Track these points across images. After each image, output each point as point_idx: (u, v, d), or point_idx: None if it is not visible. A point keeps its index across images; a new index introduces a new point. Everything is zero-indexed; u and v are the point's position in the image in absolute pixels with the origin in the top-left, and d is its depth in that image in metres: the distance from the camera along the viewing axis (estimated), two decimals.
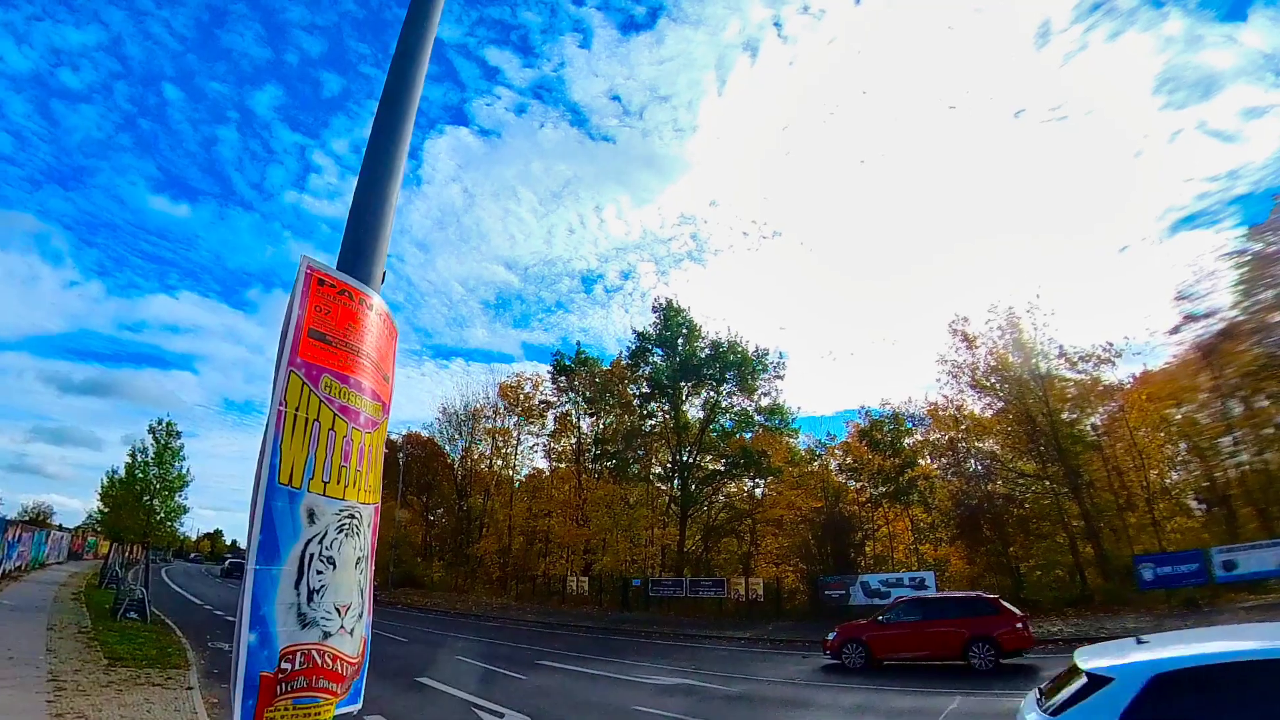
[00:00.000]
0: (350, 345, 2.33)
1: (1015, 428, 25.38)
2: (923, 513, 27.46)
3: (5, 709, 6.67)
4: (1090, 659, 4.20)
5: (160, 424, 25.10)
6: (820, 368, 69.38)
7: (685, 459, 34.35)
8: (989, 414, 26.86)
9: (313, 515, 2.09)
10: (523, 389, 44.20)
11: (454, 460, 47.92)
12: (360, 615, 2.35)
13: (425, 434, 50.56)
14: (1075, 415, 25.35)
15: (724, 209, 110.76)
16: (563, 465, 41.82)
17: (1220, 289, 23.06)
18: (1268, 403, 22.92)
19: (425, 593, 37.14)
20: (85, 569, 39.89)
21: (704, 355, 34.74)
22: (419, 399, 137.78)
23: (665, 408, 35.74)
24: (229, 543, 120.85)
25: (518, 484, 44.31)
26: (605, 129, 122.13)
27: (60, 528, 56.23)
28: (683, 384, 34.86)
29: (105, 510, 31.76)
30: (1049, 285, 62.88)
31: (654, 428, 36.43)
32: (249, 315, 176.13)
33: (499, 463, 45.62)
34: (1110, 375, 24.96)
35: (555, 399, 42.70)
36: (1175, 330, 22.80)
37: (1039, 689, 4.68)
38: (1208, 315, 21.85)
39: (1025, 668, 12.68)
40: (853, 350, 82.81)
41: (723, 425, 34.89)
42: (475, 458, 46.42)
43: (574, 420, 41.90)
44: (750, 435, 33.32)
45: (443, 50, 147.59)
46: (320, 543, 2.10)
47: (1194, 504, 25.54)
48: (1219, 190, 61.23)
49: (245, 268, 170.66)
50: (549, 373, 42.93)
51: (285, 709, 1.94)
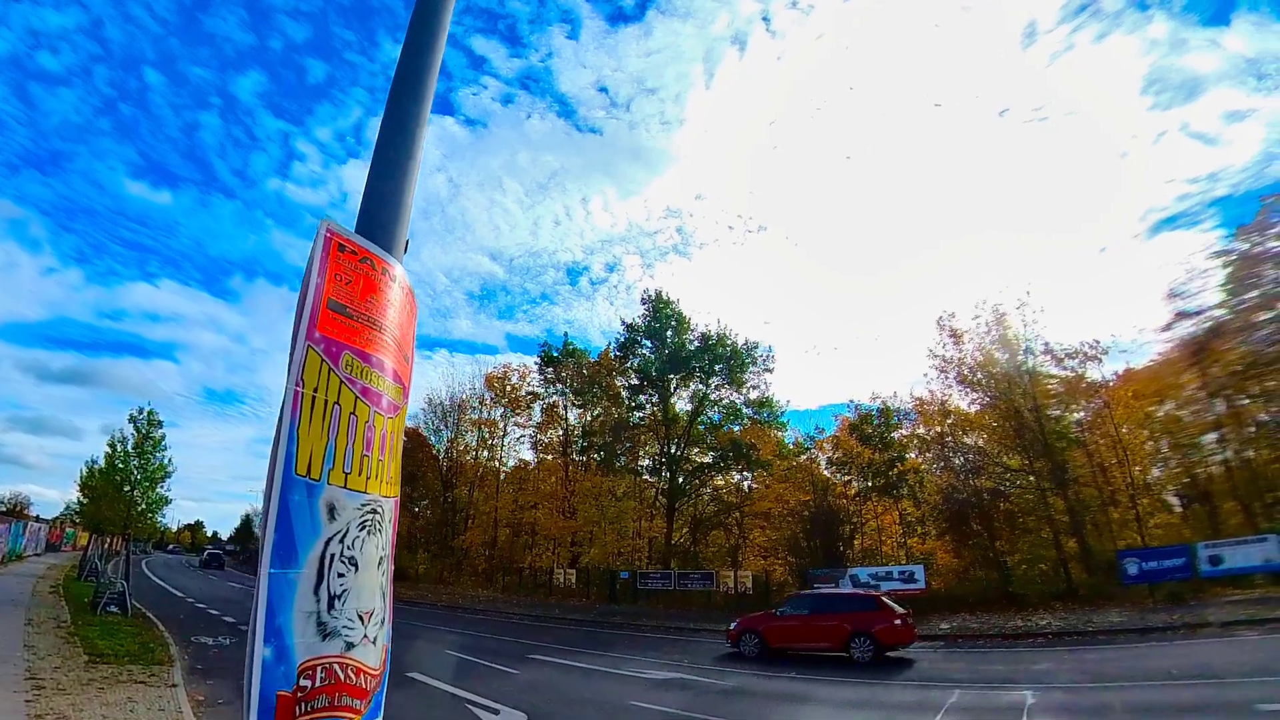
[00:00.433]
0: (372, 319, 2.07)
1: (1002, 423, 25.50)
2: (912, 507, 27.56)
3: None
4: None
5: (141, 413, 24.35)
6: (804, 362, 69.70)
7: (673, 451, 34.21)
8: (975, 409, 26.97)
9: (333, 511, 1.83)
10: (509, 380, 43.81)
11: (439, 451, 47.43)
12: (382, 622, 2.11)
13: (410, 424, 49.96)
14: (1061, 411, 25.53)
15: (710, 202, 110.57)
16: (549, 457, 41.52)
17: (1209, 288, 23.30)
18: (1249, 401, 23.27)
19: (410, 585, 36.74)
20: (64, 561, 39.02)
21: (693, 348, 34.55)
22: None
23: (654, 400, 35.55)
24: (210, 534, 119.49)
25: (504, 476, 43.97)
26: (592, 120, 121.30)
27: (38, 519, 55.04)
28: (671, 376, 34.66)
29: (85, 501, 30.90)
30: (1033, 283, 63.39)
31: (642, 420, 36.24)
32: (231, 304, 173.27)
33: (485, 454, 45.24)
34: (1096, 372, 25.16)
35: (542, 390, 42.36)
36: (1167, 327, 22.97)
37: None
38: (1198, 313, 22.00)
39: (904, 661, 13.51)
40: (836, 345, 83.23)
41: (710, 418, 34.79)
42: (461, 449, 45.97)
43: (561, 412, 41.60)
44: (739, 428, 33.24)
45: None
46: (341, 542, 1.85)
47: (1174, 500, 25.91)
48: (1199, 192, 62.15)
49: (227, 256, 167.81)
50: (536, 364, 42.57)
51: None
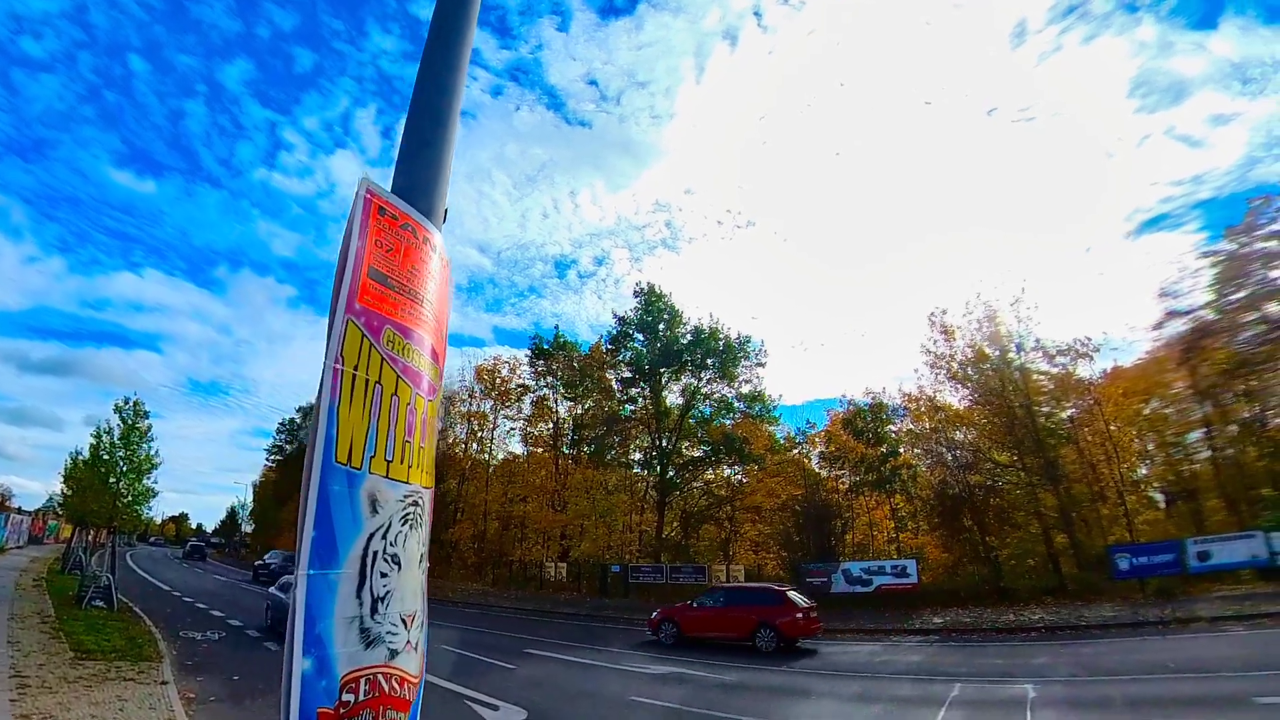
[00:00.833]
0: (413, 292, 1.87)
1: (992, 419, 25.58)
2: (904, 502, 27.64)
3: None
4: None
5: (127, 403, 23.70)
6: (790, 357, 69.82)
7: (665, 445, 34.07)
8: (965, 405, 27.05)
9: (375, 503, 1.64)
10: (500, 372, 43.38)
11: None
12: (422, 625, 1.93)
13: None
14: (1052, 408, 25.65)
15: (699, 197, 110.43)
16: (539, 450, 41.23)
17: (1198, 288, 23.46)
18: (1234, 400, 23.49)
19: None
20: (47, 553, 38.32)
21: (685, 341, 34.38)
22: None
23: (645, 393, 35.36)
24: (194, 526, 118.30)
25: (493, 469, 43.63)
26: (582, 113, 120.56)
27: (19, 511, 54.01)
28: (663, 370, 34.48)
29: (69, 493, 30.22)
30: (1020, 281, 63.77)
31: (634, 413, 36.05)
32: (216, 295, 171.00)
33: (474, 446, 44.85)
34: (1087, 370, 25.30)
35: (533, 383, 42.01)
36: (1158, 326, 23.10)
37: None
38: (1188, 312, 22.15)
39: (805, 651, 14.44)
40: (823, 342, 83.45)
41: (702, 412, 34.67)
42: (450, 441, 45.55)
43: (551, 405, 41.29)
44: (730, 422, 33.16)
45: (419, 29, 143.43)
46: (384, 538, 1.66)
47: (1158, 496, 26.16)
48: (1183, 194, 62.79)
49: (212, 245, 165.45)
50: (527, 356, 42.21)
51: None
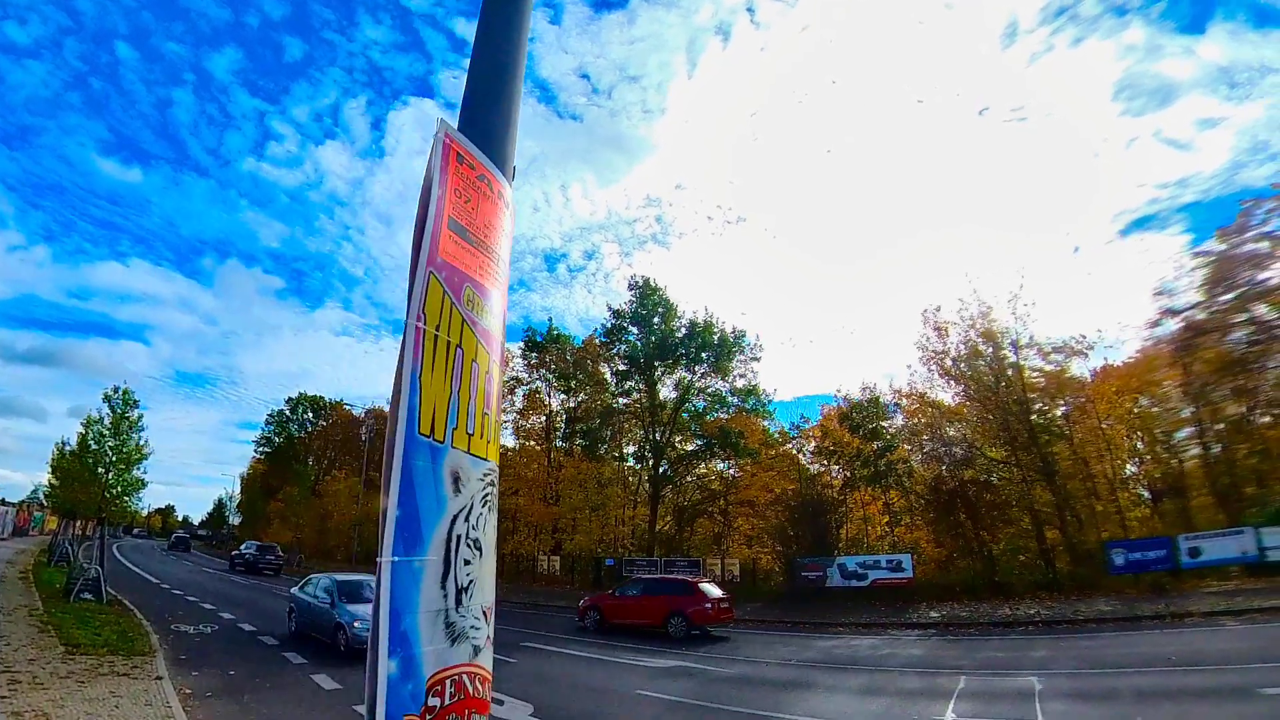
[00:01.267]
0: (489, 248, 1.69)
1: (987, 415, 25.65)
2: (899, 496, 27.69)
3: None
4: None
5: (117, 392, 23.14)
6: (780, 353, 69.99)
7: (658, 438, 33.94)
8: (957, 401, 27.11)
9: (458, 482, 1.46)
10: None
11: None
12: (491, 617, 1.75)
13: (387, 408, 49.18)
14: (1046, 405, 25.77)
15: (690, 192, 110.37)
16: (531, 444, 40.97)
17: (1192, 287, 23.61)
18: (1224, 399, 23.67)
19: None
20: (32, 545, 37.71)
21: (680, 335, 34.24)
22: (376, 374, 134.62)
23: (640, 386, 35.20)
24: (181, 519, 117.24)
25: None
26: (573, 107, 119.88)
27: (4, 502, 53.17)
28: (658, 363, 34.33)
29: (55, 484, 29.62)
30: (1019, 277, 64.14)
31: (628, 406, 35.88)
32: (203, 285, 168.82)
33: None
34: (1081, 367, 25.46)
35: (526, 375, 41.70)
36: (1154, 324, 23.26)
37: None
38: (1184, 310, 22.32)
39: (717, 638, 15.33)
40: (811, 338, 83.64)
41: (695, 406, 34.56)
42: None
43: (544, 398, 41.02)
44: (725, 416, 33.08)
45: (410, 20, 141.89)
46: (466, 520, 1.47)
47: (1145, 493, 26.36)
48: (1169, 197, 63.39)
49: (200, 235, 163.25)
50: (520, 349, 41.89)
51: None
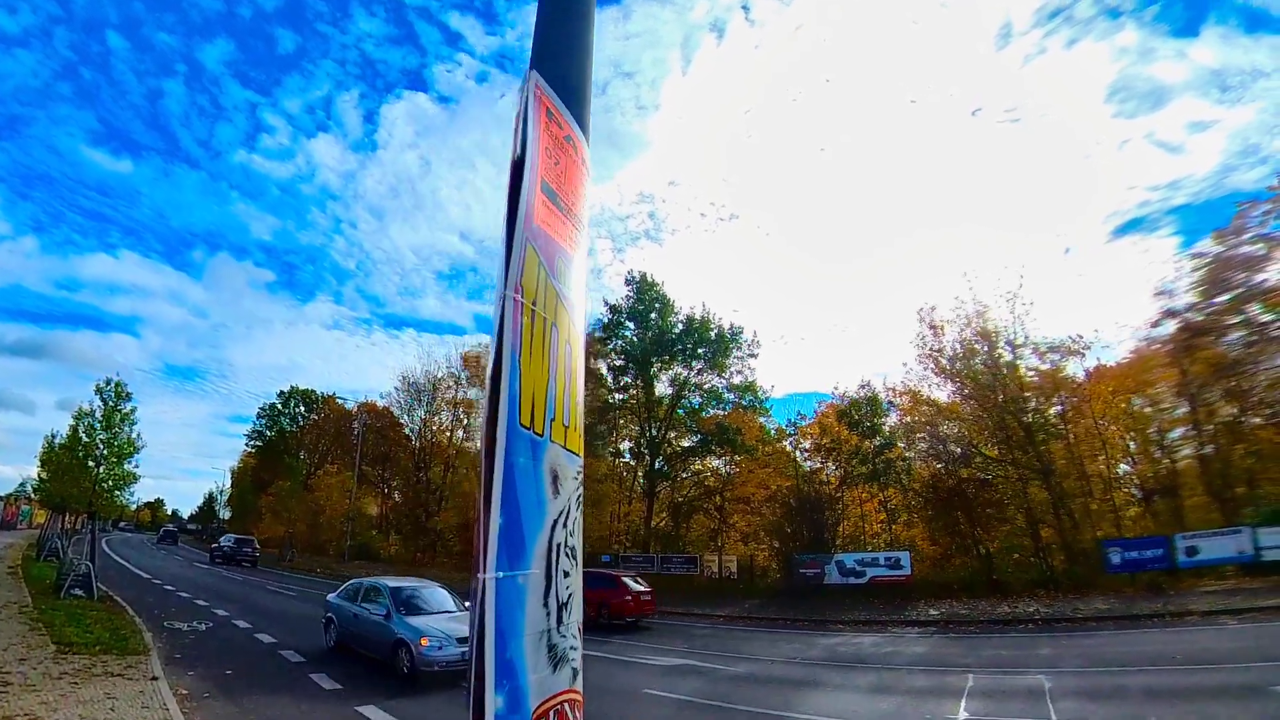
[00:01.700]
0: (575, 216, 1.49)
1: (983, 414, 25.64)
2: (898, 494, 27.65)
3: None
4: None
5: (109, 384, 22.57)
6: (772, 350, 69.98)
7: (654, 435, 33.78)
8: (954, 399, 27.08)
9: (557, 481, 1.26)
10: (487, 359, 42.74)
11: (411, 431, 46.30)
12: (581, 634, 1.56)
13: (380, 404, 48.87)
14: (1042, 404, 25.79)
15: (683, 189, 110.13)
16: None
17: (1189, 288, 23.70)
18: (1219, 399, 23.79)
19: (383, 566, 35.82)
20: (20, 539, 37.19)
21: (677, 331, 34.05)
22: (367, 369, 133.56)
23: (638, 382, 35.01)
24: (170, 513, 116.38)
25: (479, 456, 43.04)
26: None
27: None
28: (654, 359, 34.14)
29: (45, 477, 29.10)
30: (1019, 275, 64.35)
31: (624, 402, 35.69)
32: (193, 277, 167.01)
33: (460, 434, 44.24)
34: (1077, 367, 25.52)
35: None
36: (1155, 324, 23.36)
37: None
38: (1183, 311, 22.42)
39: (640, 628, 16.89)
40: (803, 335, 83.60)
41: (691, 403, 34.41)
42: (436, 429, 44.88)
43: None
44: (723, 413, 32.94)
45: (403, 12, 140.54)
46: (565, 526, 1.28)
47: (1137, 493, 26.44)
48: (1160, 199, 63.73)
49: (190, 227, 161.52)
50: None
51: None
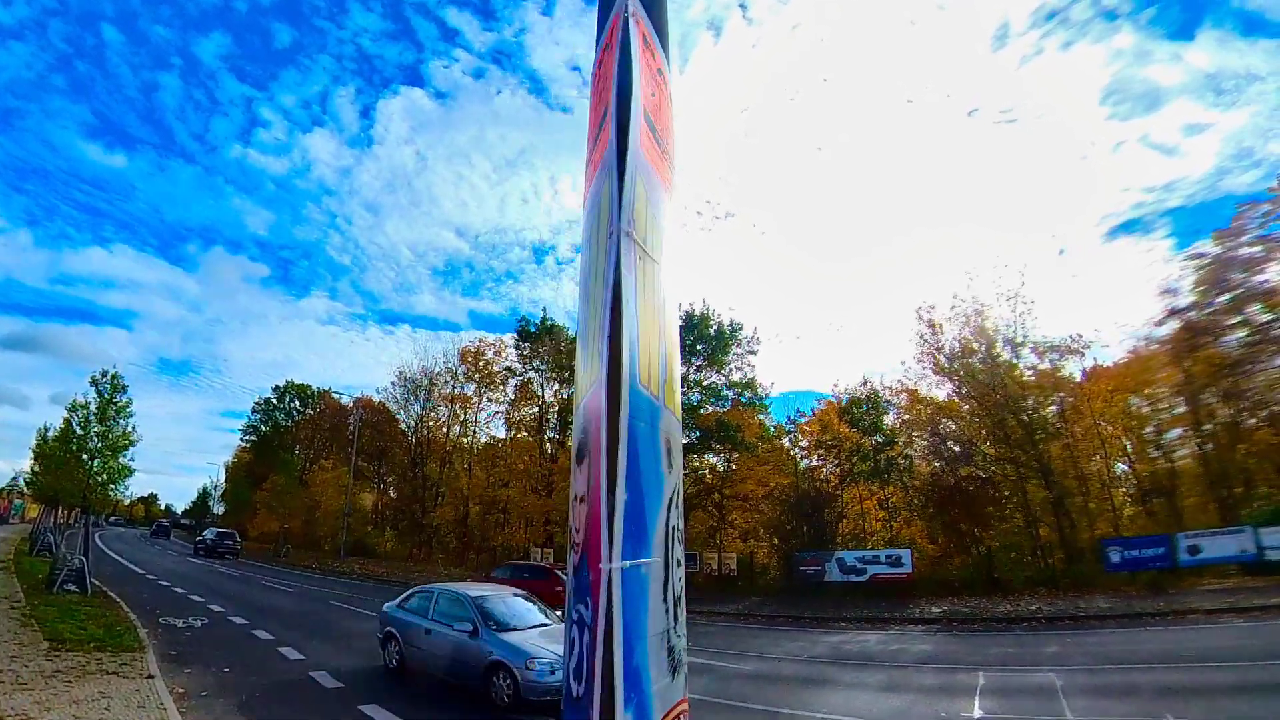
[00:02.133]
0: (669, 153, 1.30)
1: (982, 413, 25.62)
2: (899, 491, 27.60)
3: None
4: None
5: (104, 376, 22.16)
6: (769, 349, 69.94)
7: None
8: (952, 398, 27.06)
9: (670, 453, 1.07)
10: (484, 354, 42.54)
11: (407, 427, 46.06)
12: None
13: (376, 398, 48.60)
14: (1041, 403, 25.79)
15: (678, 187, 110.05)
16: (523, 434, 40.51)
17: (1191, 289, 23.74)
18: (1218, 400, 23.83)
19: (378, 562, 35.58)
20: (12, 534, 36.81)
21: (678, 327, 33.90)
22: (363, 364, 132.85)
23: None
24: (164, 508, 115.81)
25: (475, 452, 42.86)
26: (564, 99, 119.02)
27: None
28: None
29: (38, 470, 28.77)
30: (1020, 274, 64.42)
31: None
32: (188, 272, 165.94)
33: (457, 429, 44.03)
34: (1076, 366, 25.56)
35: (519, 366, 41.21)
36: (1159, 324, 23.43)
37: None
38: (1187, 310, 22.47)
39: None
40: (798, 334, 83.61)
41: (689, 399, 34.27)
42: (432, 425, 44.64)
43: (536, 389, 40.57)
44: (722, 410, 32.79)
45: (400, 8, 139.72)
46: (677, 507, 1.09)
47: (1134, 492, 26.48)
48: (1154, 201, 63.91)
49: (185, 222, 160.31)
50: (513, 339, 41.40)
51: None
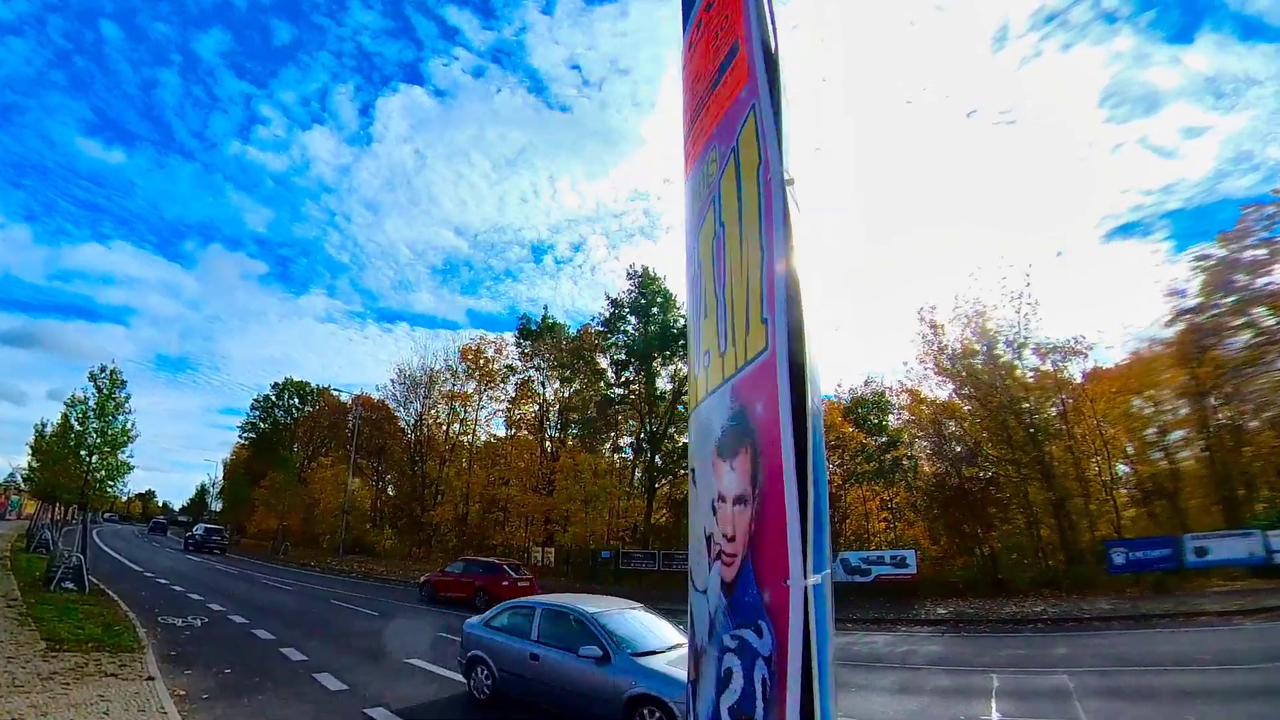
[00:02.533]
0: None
1: (984, 414, 25.50)
2: (904, 491, 27.46)
3: None
4: None
5: (103, 371, 21.77)
6: None
7: (654, 431, 33.50)
8: (956, 399, 26.93)
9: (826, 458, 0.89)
10: (485, 352, 42.31)
11: (407, 424, 45.83)
12: None
13: (376, 396, 48.38)
14: (1043, 404, 25.69)
15: (678, 186, 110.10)
16: (524, 433, 40.33)
17: (1194, 292, 23.70)
18: (1221, 402, 23.78)
19: (377, 560, 35.35)
20: (9, 530, 36.59)
21: (680, 325, 33.74)
22: (361, 362, 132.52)
23: (639, 377, 34.70)
24: (161, 505, 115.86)
25: (475, 450, 42.65)
26: (563, 98, 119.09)
27: None
28: (656, 354, 33.82)
29: (35, 466, 28.48)
30: (1025, 274, 64.21)
31: (624, 396, 35.39)
32: (187, 268, 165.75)
33: (456, 427, 43.80)
34: (1078, 367, 25.44)
35: (520, 364, 41.02)
36: (1169, 324, 23.39)
37: None
38: (1194, 311, 22.41)
39: None
40: None
41: None
42: (431, 422, 44.40)
43: (536, 387, 40.39)
44: None
45: (400, 5, 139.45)
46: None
47: (1136, 494, 26.40)
48: (1153, 203, 63.87)
49: (183, 219, 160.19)
50: (514, 337, 41.21)
51: None
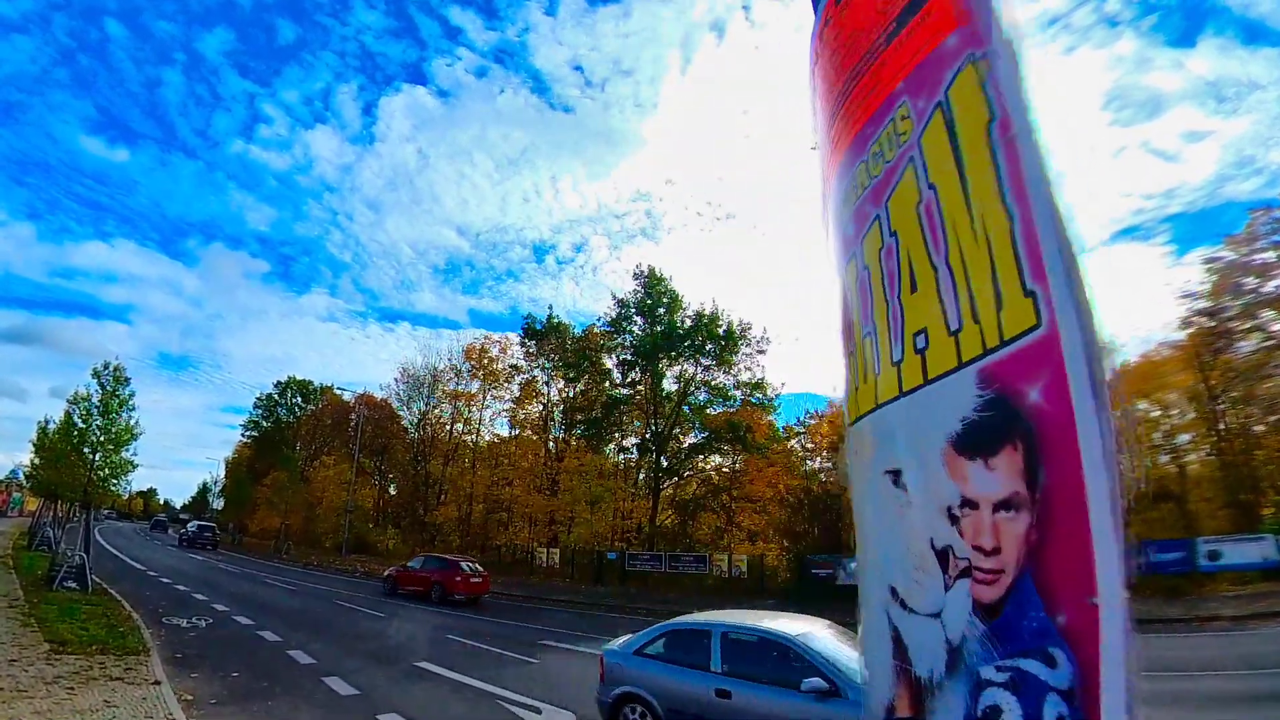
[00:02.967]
0: None
1: None
2: None
3: None
4: None
5: (107, 368, 21.68)
6: (771, 350, 69.24)
7: (660, 431, 33.34)
8: None
9: None
10: (489, 352, 42.20)
11: (410, 424, 45.73)
12: None
13: (380, 395, 48.30)
14: None
15: (679, 188, 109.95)
16: (528, 433, 40.18)
17: (1203, 295, 23.57)
18: (1229, 405, 23.56)
19: (381, 560, 35.18)
20: (10, 528, 36.53)
21: (686, 326, 33.58)
22: (362, 361, 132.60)
23: (645, 377, 34.54)
24: (163, 502, 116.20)
25: (479, 450, 42.52)
26: (566, 99, 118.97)
27: None
28: (662, 355, 33.66)
29: (38, 464, 28.43)
30: None
31: (631, 397, 35.23)
32: (189, 267, 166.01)
33: (460, 427, 43.68)
34: None
35: (525, 364, 40.88)
36: (1180, 328, 23.31)
37: None
38: (1210, 313, 22.27)
39: (468, 602, 19.41)
40: (798, 336, 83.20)
41: (697, 399, 33.99)
42: (435, 422, 44.30)
43: (540, 387, 40.24)
44: (732, 410, 32.49)
45: (404, 5, 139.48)
46: None
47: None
48: (1155, 207, 63.40)
49: (186, 217, 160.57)
50: (519, 337, 41.06)
51: None
